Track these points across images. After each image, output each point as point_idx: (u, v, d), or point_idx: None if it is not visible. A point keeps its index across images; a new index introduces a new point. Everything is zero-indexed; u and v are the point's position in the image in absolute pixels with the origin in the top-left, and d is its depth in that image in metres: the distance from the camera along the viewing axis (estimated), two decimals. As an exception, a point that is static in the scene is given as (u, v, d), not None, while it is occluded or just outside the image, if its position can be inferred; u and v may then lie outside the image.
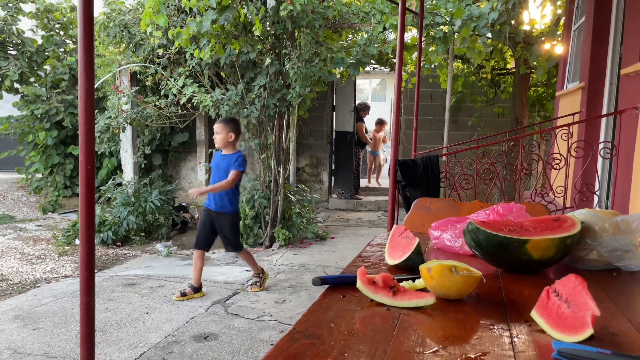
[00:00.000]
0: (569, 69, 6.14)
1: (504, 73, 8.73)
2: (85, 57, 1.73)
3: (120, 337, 3.25)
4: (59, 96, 7.79)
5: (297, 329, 0.98)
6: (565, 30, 6.39)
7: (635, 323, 1.04)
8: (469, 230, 1.39)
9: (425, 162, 3.99)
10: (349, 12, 6.49)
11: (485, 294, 1.21)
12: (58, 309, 3.73)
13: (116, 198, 6.34)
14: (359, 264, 1.44)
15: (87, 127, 1.75)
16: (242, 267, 4.84)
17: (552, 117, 7.50)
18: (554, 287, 1.04)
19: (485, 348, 0.91)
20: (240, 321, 3.49)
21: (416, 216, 2.22)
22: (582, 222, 1.39)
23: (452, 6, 6.10)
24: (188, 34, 5.20)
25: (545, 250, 1.32)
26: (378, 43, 6.30)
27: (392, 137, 3.76)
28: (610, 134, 4.54)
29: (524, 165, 4.32)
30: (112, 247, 5.74)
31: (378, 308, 1.11)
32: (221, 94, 5.70)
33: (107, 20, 6.24)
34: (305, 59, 5.55)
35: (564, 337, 0.93)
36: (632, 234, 1.38)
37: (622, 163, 3.73)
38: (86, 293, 1.81)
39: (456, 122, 9.03)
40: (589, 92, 4.87)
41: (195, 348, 3.08)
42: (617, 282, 1.33)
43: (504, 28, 6.05)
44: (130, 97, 6.55)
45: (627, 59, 3.89)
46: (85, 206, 1.77)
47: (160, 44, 6.11)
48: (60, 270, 4.83)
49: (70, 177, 8.07)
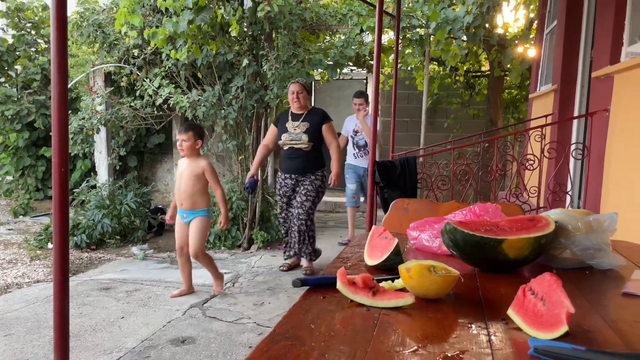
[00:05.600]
0: (541, 71, 6.27)
1: (479, 75, 8.87)
2: (58, 57, 1.70)
3: (95, 342, 3.19)
4: (31, 97, 7.61)
5: (277, 331, 0.98)
6: (537, 33, 6.53)
7: (608, 320, 1.07)
8: (447, 230, 1.41)
9: (403, 164, 4.03)
10: (326, 13, 6.51)
11: (463, 293, 1.23)
12: (30, 314, 3.64)
13: (90, 200, 6.22)
14: (338, 265, 1.44)
15: (61, 128, 1.72)
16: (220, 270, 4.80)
17: (525, 118, 7.65)
18: (530, 285, 1.06)
19: (463, 346, 0.93)
20: (218, 324, 3.47)
21: (394, 217, 2.23)
22: (556, 221, 1.42)
23: (428, 9, 6.17)
24: (164, 34, 5.15)
25: (521, 250, 1.34)
26: (355, 45, 6.34)
27: (370, 139, 3.79)
28: (582, 135, 4.66)
29: (498, 166, 4.39)
30: (86, 251, 5.64)
31: (358, 308, 1.11)
32: (198, 95, 5.65)
33: (81, 19, 6.13)
34: (283, 60, 5.54)
35: (539, 334, 0.95)
36: (604, 233, 1.42)
37: (593, 164, 3.83)
38: (60, 298, 1.78)
39: (432, 124, 9.13)
40: (561, 95, 4.98)
41: (172, 352, 3.04)
42: (590, 279, 1.36)
43: (478, 31, 6.15)
44: (104, 98, 6.44)
45: (597, 63, 4.00)
46: (59, 209, 1.74)
47: (136, 44, 6.02)
48: (32, 274, 4.72)
49: (42, 179, 7.90)
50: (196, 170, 3.86)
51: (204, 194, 3.92)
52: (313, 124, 4.45)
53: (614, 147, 3.48)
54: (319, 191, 4.50)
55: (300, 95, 4.45)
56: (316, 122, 4.46)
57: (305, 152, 4.43)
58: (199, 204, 3.89)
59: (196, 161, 3.89)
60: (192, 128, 3.88)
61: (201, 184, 3.89)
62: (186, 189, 3.86)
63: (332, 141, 4.51)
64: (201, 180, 3.88)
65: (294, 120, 4.49)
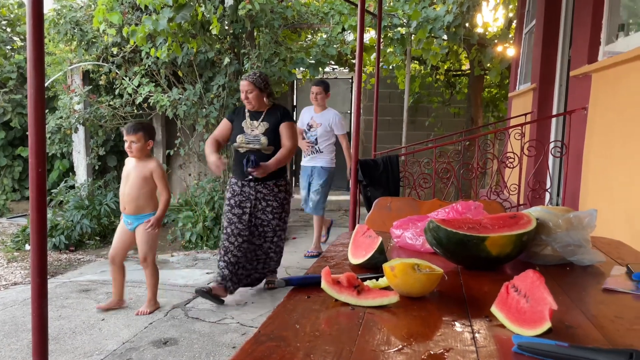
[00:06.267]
0: (520, 70, 6.35)
1: (459, 74, 8.95)
2: (35, 55, 1.66)
3: (75, 345, 3.14)
4: (6, 96, 7.44)
5: (262, 332, 0.97)
6: (516, 33, 6.61)
7: (589, 315, 1.08)
8: (430, 228, 1.41)
9: (386, 162, 4.04)
10: (308, 12, 6.51)
11: (446, 291, 1.23)
12: (8, 317, 3.57)
13: (69, 201, 6.12)
14: (323, 264, 1.44)
15: (38, 127, 1.68)
16: (202, 270, 4.77)
17: (505, 117, 7.74)
18: (513, 282, 1.07)
19: (448, 344, 0.93)
20: (201, 325, 3.44)
21: (377, 215, 2.24)
22: (537, 218, 1.43)
23: (409, 8, 6.21)
24: (144, 32, 5.09)
25: (503, 247, 1.35)
26: (337, 44, 6.34)
27: (353, 138, 3.79)
28: (561, 133, 4.73)
29: (479, 164, 4.44)
30: (65, 252, 5.54)
31: (343, 308, 1.11)
32: (179, 94, 5.60)
33: (58, 16, 6.03)
34: (264, 59, 5.52)
35: (523, 331, 0.95)
36: (584, 230, 1.44)
37: (572, 161, 3.89)
38: (38, 300, 1.75)
39: (414, 123, 9.17)
40: (540, 93, 5.05)
41: (154, 354, 3.01)
42: (570, 276, 1.38)
43: (459, 30, 6.21)
44: (82, 97, 6.34)
45: (575, 62, 4.06)
46: (36, 210, 1.70)
47: (115, 42, 5.94)
48: (9, 277, 4.62)
49: (19, 180, 7.75)
50: (145, 173, 3.57)
51: (150, 197, 3.63)
52: (273, 124, 3.73)
53: (592, 144, 3.54)
54: (284, 204, 3.83)
55: (250, 95, 3.69)
56: (275, 122, 3.74)
57: (265, 156, 3.67)
58: (144, 208, 3.60)
59: (145, 163, 3.59)
60: (143, 128, 3.57)
61: (149, 187, 3.60)
62: (131, 192, 3.58)
63: (285, 142, 3.72)
64: (149, 183, 3.59)
65: (252, 119, 3.76)
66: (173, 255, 5.33)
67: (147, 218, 3.59)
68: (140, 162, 3.60)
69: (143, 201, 3.59)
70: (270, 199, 3.76)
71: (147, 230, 3.58)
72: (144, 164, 3.59)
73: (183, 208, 6.10)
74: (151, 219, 3.58)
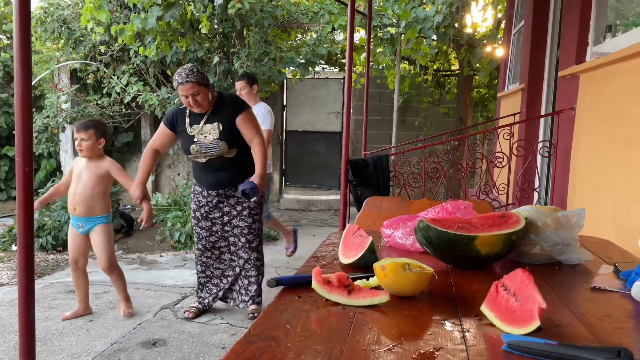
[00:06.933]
0: (509, 71, 6.40)
1: (449, 74, 8.99)
2: (22, 53, 1.65)
3: (62, 346, 3.10)
4: (-8, 94, 7.37)
5: (252, 332, 0.97)
6: (505, 33, 6.66)
7: (578, 314, 1.09)
8: (420, 228, 1.42)
9: (376, 162, 4.05)
10: (297, 11, 6.50)
11: (436, 290, 1.24)
12: (-7, 319, 3.52)
13: (56, 201, 6.05)
14: (313, 264, 1.43)
15: (24, 126, 1.66)
16: (191, 270, 4.74)
17: (494, 117, 7.79)
18: (503, 281, 1.08)
19: (438, 343, 0.93)
20: (190, 325, 3.42)
21: (367, 215, 2.24)
22: (526, 218, 1.44)
23: (399, 8, 6.23)
24: (132, 31, 5.05)
25: (492, 246, 1.36)
26: (327, 43, 6.35)
27: (343, 137, 3.79)
28: (549, 133, 4.77)
29: (469, 164, 4.46)
30: (52, 253, 5.48)
31: (333, 307, 1.11)
32: (167, 93, 5.57)
33: (45, 15, 5.97)
34: (254, 58, 5.51)
35: (512, 330, 0.96)
36: (572, 229, 1.45)
37: (560, 161, 3.92)
38: (25, 301, 1.73)
39: (404, 122, 9.20)
40: (528, 94, 5.09)
41: (143, 355, 2.98)
42: (559, 274, 1.39)
43: (448, 31, 6.24)
44: (70, 96, 6.28)
45: (563, 62, 4.09)
46: (23, 210, 1.68)
47: (103, 41, 5.89)
48: (-5, 278, 4.56)
49: (6, 179, 7.66)
50: (98, 172, 3.38)
51: (103, 198, 3.43)
52: (226, 123, 3.17)
53: (580, 144, 3.57)
54: (262, 202, 3.44)
55: (198, 98, 3.09)
56: (228, 120, 3.17)
57: (229, 160, 3.22)
58: (96, 209, 3.40)
59: (98, 162, 3.41)
60: (94, 125, 3.37)
61: (102, 187, 3.42)
62: (84, 191, 3.37)
63: (252, 137, 3.18)
64: (102, 183, 3.42)
65: (196, 123, 3.19)
66: (162, 256, 5.30)
67: (100, 220, 3.42)
68: (91, 162, 3.41)
69: (95, 202, 3.40)
70: (243, 202, 3.31)
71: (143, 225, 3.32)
72: (96, 164, 3.40)
73: (172, 208, 6.06)
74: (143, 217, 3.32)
